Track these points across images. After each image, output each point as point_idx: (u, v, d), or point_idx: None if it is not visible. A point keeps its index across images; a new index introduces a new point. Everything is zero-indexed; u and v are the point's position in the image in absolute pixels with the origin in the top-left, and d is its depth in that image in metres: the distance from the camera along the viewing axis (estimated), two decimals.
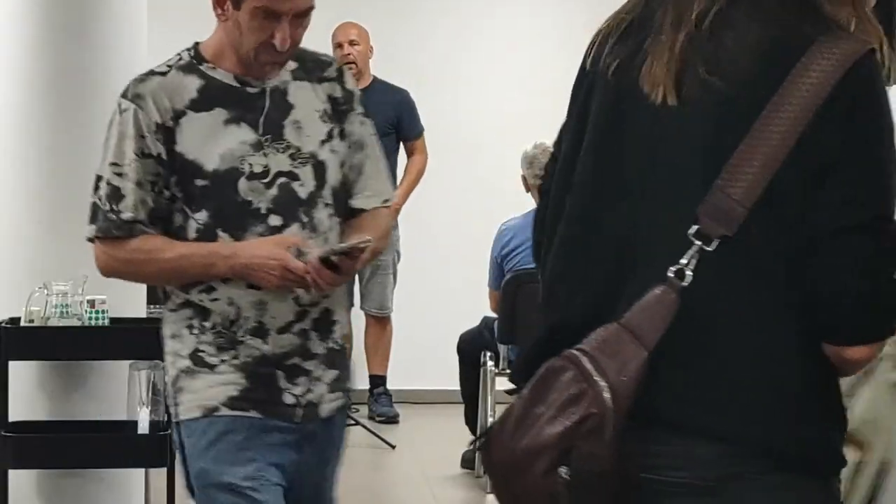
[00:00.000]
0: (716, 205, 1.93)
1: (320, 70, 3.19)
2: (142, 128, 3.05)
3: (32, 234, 5.03)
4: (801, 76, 1.92)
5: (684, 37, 1.98)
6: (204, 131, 3.04)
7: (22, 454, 4.80)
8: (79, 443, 4.86)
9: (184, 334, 3.11)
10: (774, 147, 1.91)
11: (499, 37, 8.86)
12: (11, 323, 4.85)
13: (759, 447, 1.96)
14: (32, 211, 5.03)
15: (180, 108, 3.05)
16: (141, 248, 3.07)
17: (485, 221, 7.22)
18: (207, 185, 3.03)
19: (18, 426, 4.83)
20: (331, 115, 3.16)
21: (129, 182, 3.05)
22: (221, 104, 3.07)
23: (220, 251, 3.02)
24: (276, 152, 3.07)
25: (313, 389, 3.12)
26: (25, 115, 5.06)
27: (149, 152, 3.05)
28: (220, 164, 3.03)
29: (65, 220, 5.00)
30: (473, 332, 6.91)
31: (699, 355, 1.97)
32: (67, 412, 4.95)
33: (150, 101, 3.05)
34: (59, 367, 4.95)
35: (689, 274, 1.94)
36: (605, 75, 2.06)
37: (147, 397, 4.85)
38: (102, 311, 4.82)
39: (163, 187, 3.06)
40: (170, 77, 3.10)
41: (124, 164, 3.05)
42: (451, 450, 6.79)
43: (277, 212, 3.05)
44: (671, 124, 1.99)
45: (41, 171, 5.05)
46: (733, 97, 1.95)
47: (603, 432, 1.92)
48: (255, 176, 3.04)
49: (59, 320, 4.77)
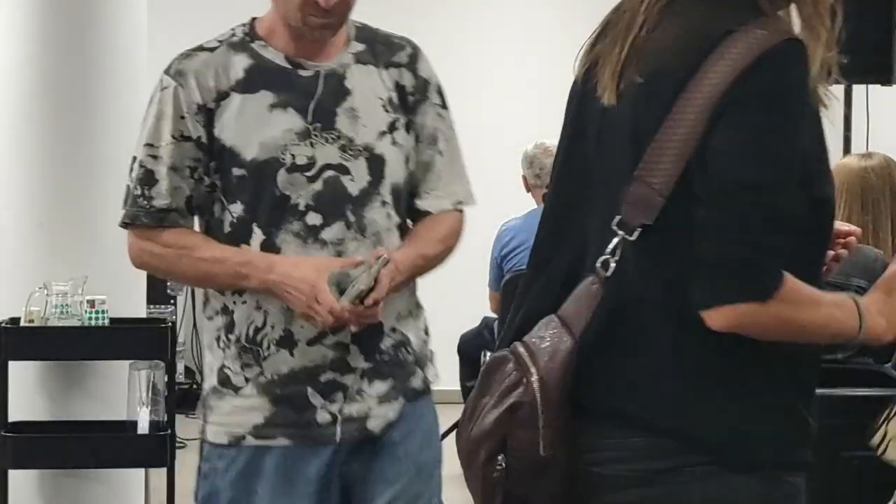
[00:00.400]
0: (635, 194, 1.98)
1: (390, 54, 2.86)
2: (181, 108, 2.75)
3: (32, 235, 5.03)
4: (714, 65, 1.95)
5: (630, 40, 2.04)
6: (246, 116, 2.74)
7: (22, 454, 4.80)
8: (79, 443, 4.85)
9: (213, 347, 2.84)
10: (686, 135, 1.95)
11: (500, 37, 8.86)
12: (11, 323, 4.85)
13: (687, 439, 1.98)
14: (32, 211, 5.03)
15: (224, 89, 2.76)
16: (175, 243, 2.79)
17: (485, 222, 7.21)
18: (244, 175, 2.74)
19: (18, 426, 4.83)
20: (396, 105, 2.83)
21: (163, 166, 2.76)
22: (269, 86, 2.76)
23: (257, 262, 2.73)
24: (325, 143, 2.75)
25: (354, 403, 2.79)
26: (25, 116, 5.06)
27: (188, 135, 2.75)
28: (260, 153, 2.73)
29: (65, 220, 5.01)
30: (474, 333, 6.91)
31: (625, 346, 2.02)
32: (67, 412, 4.95)
33: (192, 80, 2.75)
34: (59, 367, 4.95)
35: (613, 264, 1.99)
36: (577, 82, 2.15)
37: (147, 397, 4.85)
38: (102, 311, 4.81)
39: (203, 174, 2.77)
40: (217, 54, 2.79)
41: (160, 145, 2.76)
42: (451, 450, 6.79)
43: (318, 209, 2.74)
44: (610, 123, 2.06)
45: (41, 171, 5.04)
46: (651, 91, 2.00)
47: (535, 420, 1.98)
48: (298, 168, 2.73)
49: (58, 320, 4.77)
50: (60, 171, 5.03)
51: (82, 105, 5.03)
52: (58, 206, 5.01)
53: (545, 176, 6.12)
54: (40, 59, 5.03)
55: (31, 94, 5.04)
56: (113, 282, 4.93)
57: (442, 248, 2.88)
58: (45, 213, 5.02)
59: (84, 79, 5.03)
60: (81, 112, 5.03)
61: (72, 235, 5.00)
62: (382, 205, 2.79)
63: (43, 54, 5.03)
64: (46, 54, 5.02)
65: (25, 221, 5.04)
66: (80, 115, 5.03)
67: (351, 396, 2.78)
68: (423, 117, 2.86)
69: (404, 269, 2.78)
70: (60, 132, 5.03)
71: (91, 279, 4.76)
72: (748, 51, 1.94)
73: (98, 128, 5.05)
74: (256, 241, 2.75)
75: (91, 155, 5.04)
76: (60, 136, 5.02)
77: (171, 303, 8.01)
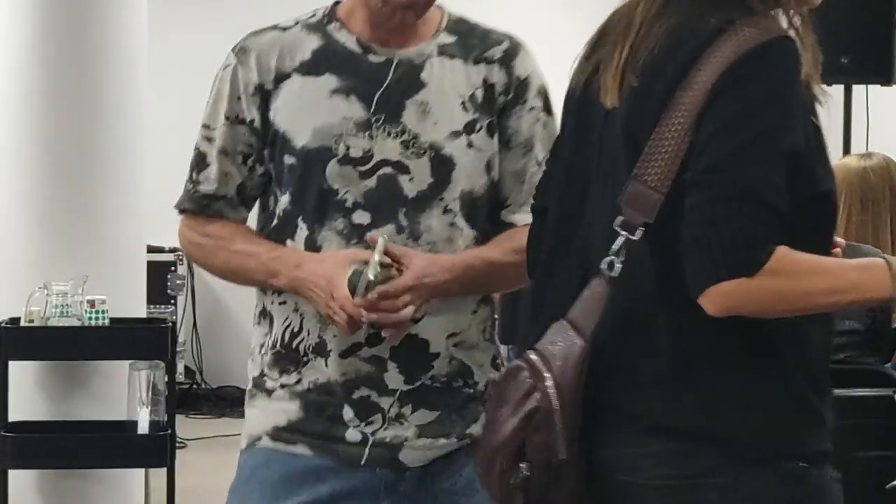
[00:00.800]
0: (634, 193, 1.99)
1: (483, 48, 2.54)
2: (238, 87, 2.52)
3: (32, 234, 5.03)
4: (704, 62, 1.97)
5: (628, 45, 2.06)
6: (304, 100, 2.49)
7: (22, 454, 4.80)
8: (79, 443, 4.86)
9: (255, 353, 2.59)
10: (680, 131, 1.96)
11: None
12: (11, 323, 4.85)
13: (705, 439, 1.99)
14: (32, 211, 5.03)
15: (286, 70, 2.51)
16: (214, 233, 2.58)
17: None
18: (294, 163, 2.49)
19: (18, 426, 4.83)
20: (480, 104, 2.51)
21: (214, 149, 2.55)
22: (334, 70, 2.49)
23: (287, 257, 2.48)
24: (387, 136, 2.47)
25: (390, 428, 2.48)
26: (25, 116, 5.06)
27: (242, 117, 2.53)
28: (312, 141, 2.47)
29: (65, 220, 5.01)
30: None
31: (636, 345, 2.02)
32: (67, 412, 4.95)
33: (252, 58, 2.52)
34: (59, 367, 4.95)
35: (619, 265, 1.99)
36: (576, 91, 2.16)
37: (147, 397, 4.85)
38: (102, 311, 4.82)
39: (256, 161, 2.55)
40: (290, 33, 2.54)
41: (215, 127, 2.55)
42: None
43: (367, 207, 2.46)
44: (609, 127, 2.07)
45: (41, 171, 5.04)
46: (644, 91, 2.01)
47: (552, 424, 1.98)
48: (351, 160, 2.46)
49: (59, 320, 4.77)
50: (60, 171, 5.03)
51: (82, 105, 5.03)
52: (58, 206, 5.01)
53: None
54: (40, 59, 5.03)
55: (31, 94, 5.05)
56: (113, 282, 4.94)
57: (515, 259, 2.44)
58: (44, 212, 5.02)
59: (84, 79, 5.03)
60: (81, 112, 5.03)
61: (72, 235, 5.00)
62: (445, 212, 2.48)
63: (43, 54, 5.03)
64: (46, 54, 5.03)
65: (25, 221, 5.04)
66: (80, 115, 5.03)
67: (389, 421, 2.47)
68: (518, 121, 2.54)
69: (454, 269, 2.45)
70: (60, 132, 5.03)
71: (91, 279, 4.76)
72: (737, 47, 1.96)
73: (98, 128, 5.05)
74: (301, 238, 2.50)
75: (91, 155, 5.04)
76: (60, 136, 5.02)
77: (171, 303, 8.02)
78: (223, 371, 8.57)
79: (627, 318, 2.02)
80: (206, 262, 2.64)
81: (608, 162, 2.07)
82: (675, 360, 2.00)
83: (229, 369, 8.58)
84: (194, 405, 8.18)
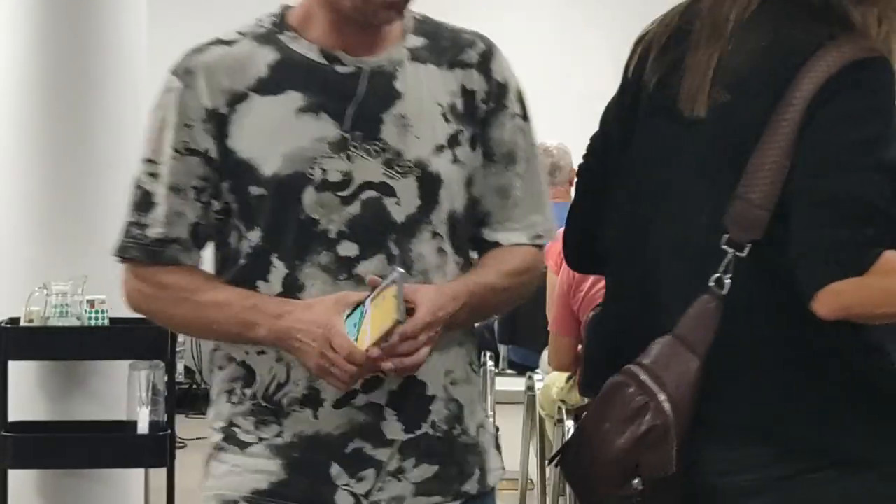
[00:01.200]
0: (739, 213, 2.00)
1: (457, 51, 2.27)
2: (187, 114, 2.20)
3: (32, 235, 5.03)
4: (804, 78, 1.98)
5: (717, 51, 2.06)
6: (268, 122, 2.19)
7: (22, 454, 4.80)
8: (79, 443, 4.86)
9: (221, 401, 2.27)
10: (782, 147, 1.98)
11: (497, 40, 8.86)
12: (11, 323, 4.85)
13: (813, 447, 2.03)
14: (32, 211, 5.03)
15: (241, 90, 2.19)
16: (173, 284, 2.24)
17: None
18: (264, 194, 2.18)
19: (18, 426, 4.83)
20: (461, 114, 2.24)
21: (161, 186, 2.21)
22: (297, 86, 2.19)
23: (266, 306, 2.16)
24: (366, 156, 2.18)
25: (386, 487, 2.19)
26: (24, 116, 5.06)
27: (193, 147, 2.20)
28: (283, 167, 2.17)
29: (64, 220, 5.01)
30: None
31: (745, 361, 2.05)
32: (67, 412, 4.95)
33: (201, 79, 2.20)
34: (58, 367, 4.95)
35: (728, 282, 2.01)
36: (647, 89, 2.15)
37: (147, 397, 4.85)
38: (102, 311, 4.82)
39: (212, 196, 2.22)
40: (238, 48, 2.22)
41: (160, 161, 2.22)
42: None
43: (354, 237, 2.17)
44: (695, 137, 2.07)
45: (41, 171, 5.05)
46: (742, 107, 2.02)
47: (667, 442, 2.02)
48: (329, 186, 2.17)
49: (58, 320, 4.77)
50: (60, 171, 5.03)
51: (82, 105, 5.03)
52: (57, 206, 5.01)
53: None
54: (40, 60, 5.03)
55: (31, 94, 5.05)
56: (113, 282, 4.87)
57: (511, 282, 2.26)
58: (44, 213, 5.02)
59: (84, 79, 5.03)
60: (81, 112, 5.03)
61: (72, 235, 5.00)
62: (433, 236, 2.21)
63: (43, 54, 5.03)
64: (46, 54, 5.03)
65: (25, 221, 5.04)
66: (80, 115, 5.03)
67: (384, 478, 2.19)
68: (500, 131, 2.28)
69: (460, 297, 2.18)
70: (60, 132, 5.03)
71: (91, 279, 4.76)
72: (836, 61, 1.98)
73: (98, 128, 5.05)
74: (277, 277, 2.19)
75: (91, 155, 5.04)
76: (60, 136, 5.03)
77: None
78: None
79: (732, 333, 2.03)
80: (165, 316, 2.31)
81: (691, 173, 2.08)
82: (780, 371, 2.03)
83: None
84: (194, 405, 8.18)
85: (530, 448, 5.97)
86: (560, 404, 5.10)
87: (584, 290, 4.68)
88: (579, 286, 4.68)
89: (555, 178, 6.16)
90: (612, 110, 2.24)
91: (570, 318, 4.74)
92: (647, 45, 2.16)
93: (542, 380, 5.40)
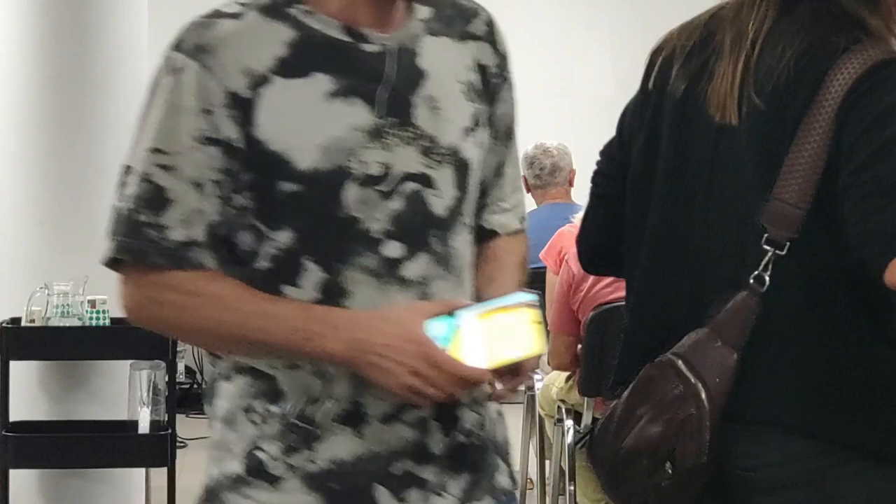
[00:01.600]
0: (775, 212, 2.07)
1: (464, 21, 2.08)
2: (207, 98, 1.94)
3: (33, 234, 5.04)
4: (832, 82, 2.05)
5: (742, 59, 2.13)
6: (296, 109, 1.95)
7: (22, 454, 4.81)
8: (79, 443, 4.86)
9: (237, 420, 2.00)
10: (816, 149, 2.05)
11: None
12: (12, 323, 4.85)
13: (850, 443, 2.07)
14: (33, 211, 5.04)
15: (260, 71, 1.94)
16: (207, 291, 1.97)
17: None
18: (299, 191, 1.94)
19: (19, 426, 4.84)
20: (479, 92, 2.08)
21: (181, 181, 1.95)
22: (322, 68, 1.96)
23: (331, 318, 1.93)
24: (402, 144, 1.98)
25: None
26: (25, 116, 5.07)
27: (214, 136, 1.94)
28: (321, 161, 1.94)
29: (65, 220, 5.01)
30: None
31: (782, 355, 2.10)
32: (68, 412, 4.96)
33: (218, 58, 1.94)
34: (59, 367, 4.96)
35: (768, 279, 2.07)
36: (674, 98, 2.20)
37: (148, 397, 4.86)
38: (103, 310, 4.82)
39: (231, 191, 1.96)
40: (246, 22, 1.96)
41: (176, 151, 1.95)
42: None
43: (397, 236, 1.97)
44: (729, 142, 2.14)
45: (41, 171, 5.05)
46: (776, 112, 2.09)
47: (702, 431, 2.08)
48: (370, 180, 1.96)
49: (59, 320, 4.78)
50: (60, 171, 5.03)
51: (82, 105, 5.04)
52: (58, 205, 5.02)
53: (545, 176, 6.15)
54: (40, 59, 5.03)
55: (32, 94, 5.05)
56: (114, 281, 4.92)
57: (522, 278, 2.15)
58: (45, 212, 5.03)
59: (84, 78, 5.04)
60: (82, 112, 5.04)
61: (72, 235, 5.00)
62: (464, 229, 2.05)
63: (43, 54, 5.03)
64: (46, 54, 5.03)
65: (26, 221, 5.05)
66: (80, 115, 5.04)
67: (429, 495, 2.01)
68: (504, 106, 2.13)
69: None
70: (61, 132, 5.03)
71: (92, 279, 4.76)
72: (863, 62, 2.05)
73: (98, 127, 5.06)
74: (312, 282, 1.96)
75: (91, 155, 5.04)
76: (60, 136, 5.03)
77: None
78: None
79: (769, 329, 2.09)
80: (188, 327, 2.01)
81: (728, 178, 2.14)
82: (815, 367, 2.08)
83: None
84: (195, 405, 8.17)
85: (530, 448, 5.97)
86: (560, 404, 5.11)
87: (583, 290, 4.69)
88: (579, 286, 4.69)
89: (555, 177, 6.17)
90: (630, 118, 2.29)
91: (569, 317, 4.75)
92: (668, 55, 2.22)
93: (541, 379, 5.41)
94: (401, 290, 1.96)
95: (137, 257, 1.99)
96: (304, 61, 1.96)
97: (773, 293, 2.08)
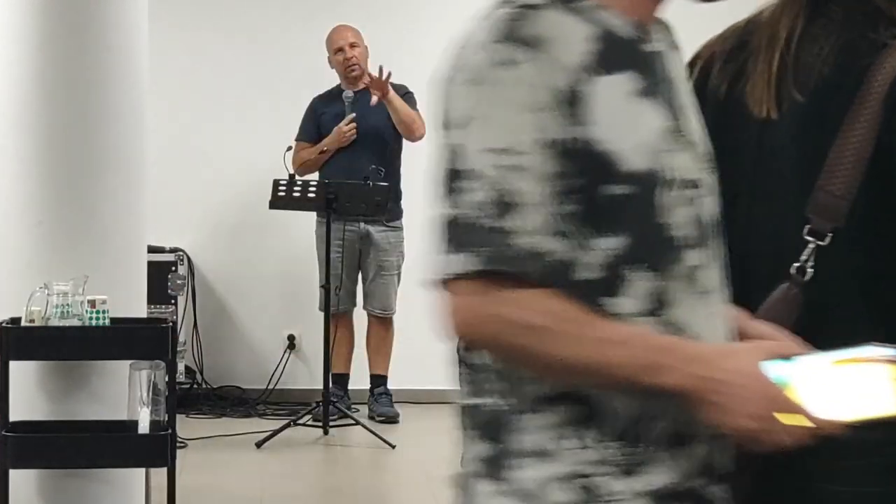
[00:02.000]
0: (820, 203, 2.11)
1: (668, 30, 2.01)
2: (548, 94, 1.81)
3: (33, 234, 5.04)
4: (875, 76, 2.11)
5: (778, 56, 2.19)
6: (615, 107, 1.85)
7: (22, 454, 4.80)
8: (79, 443, 4.86)
9: (549, 450, 1.86)
10: (862, 141, 2.10)
11: None
12: (12, 323, 4.85)
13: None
14: (32, 210, 5.04)
15: (579, 67, 1.84)
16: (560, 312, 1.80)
17: None
18: (628, 192, 1.84)
19: (19, 426, 4.84)
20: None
21: (532, 184, 1.80)
22: (630, 65, 1.89)
23: (681, 349, 1.82)
24: (684, 149, 1.92)
25: None
26: (25, 116, 5.06)
27: (553, 136, 1.82)
28: (640, 162, 1.86)
29: (65, 220, 5.01)
30: None
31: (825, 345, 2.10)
32: (68, 412, 4.96)
33: (553, 50, 1.82)
34: (59, 367, 4.96)
35: (810, 270, 2.11)
36: (716, 99, 2.26)
37: (147, 397, 4.86)
38: (103, 311, 4.82)
39: (566, 197, 1.83)
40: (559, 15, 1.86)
41: (521, 150, 1.80)
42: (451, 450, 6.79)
43: (695, 243, 1.91)
44: (771, 138, 2.19)
45: (42, 171, 5.05)
46: (819, 110, 2.14)
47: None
48: (675, 184, 1.89)
49: (59, 320, 4.77)
50: (60, 171, 5.03)
51: (83, 105, 5.04)
52: (58, 205, 5.02)
53: None
54: (40, 59, 5.03)
55: (32, 94, 5.05)
56: (114, 281, 4.94)
57: None
58: (45, 212, 5.03)
59: (84, 78, 5.04)
60: (81, 111, 5.03)
61: (72, 235, 5.00)
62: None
63: (43, 54, 5.03)
64: (46, 54, 5.03)
65: (25, 221, 5.05)
66: (80, 115, 5.03)
67: None
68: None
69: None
70: (60, 131, 5.03)
71: (92, 279, 4.76)
72: None
73: (98, 127, 5.05)
74: (638, 294, 1.85)
75: (91, 154, 5.04)
76: (61, 136, 5.03)
77: (171, 303, 8.02)
78: (223, 371, 8.57)
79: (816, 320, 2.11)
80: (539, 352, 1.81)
81: (772, 172, 2.18)
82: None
83: (229, 369, 8.58)
84: (195, 405, 8.19)
85: None
86: None
87: None
88: None
89: None
90: None
91: None
92: (708, 59, 2.28)
93: None
94: (703, 299, 1.90)
95: (497, 264, 1.79)
96: (612, 59, 1.86)
97: (815, 284, 2.11)
